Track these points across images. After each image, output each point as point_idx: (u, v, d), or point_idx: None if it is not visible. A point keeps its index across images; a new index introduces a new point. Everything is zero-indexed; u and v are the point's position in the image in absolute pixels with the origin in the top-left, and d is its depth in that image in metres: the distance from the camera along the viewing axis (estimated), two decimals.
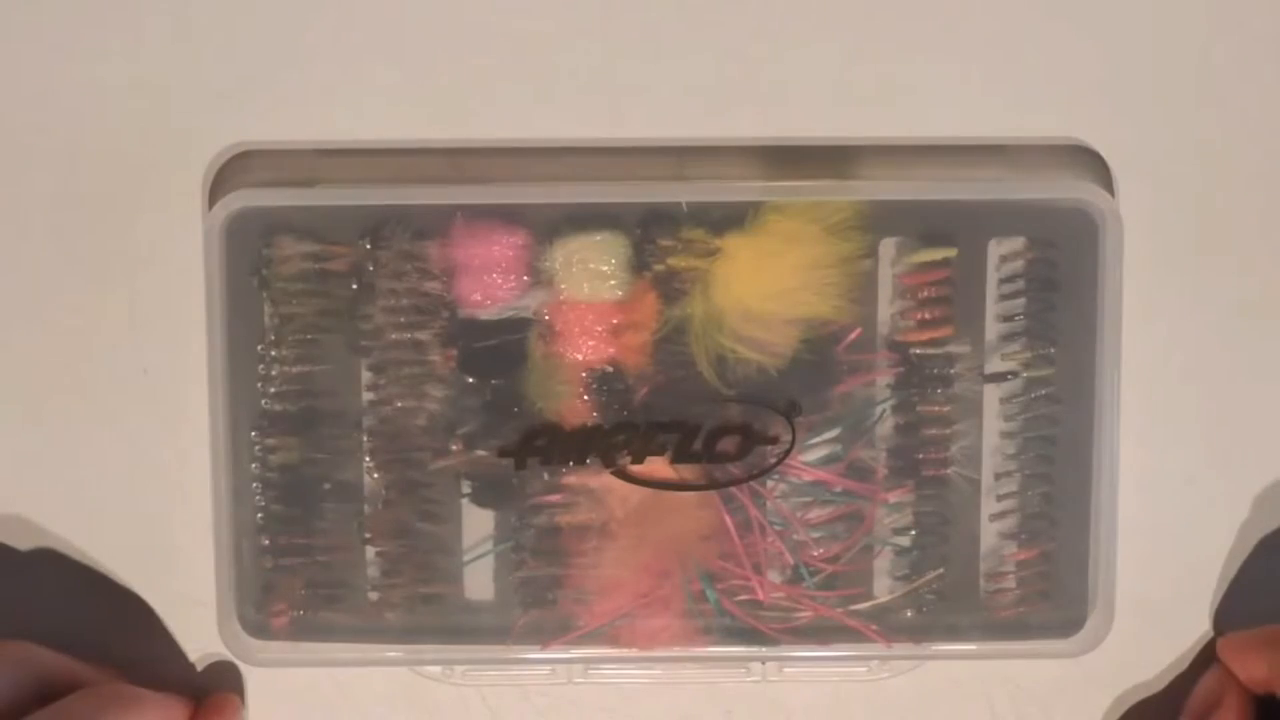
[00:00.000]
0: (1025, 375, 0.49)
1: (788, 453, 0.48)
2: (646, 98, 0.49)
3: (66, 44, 0.49)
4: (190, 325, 0.48)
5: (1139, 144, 0.49)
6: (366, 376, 0.49)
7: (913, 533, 0.50)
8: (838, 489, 0.49)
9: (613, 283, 0.48)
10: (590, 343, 0.48)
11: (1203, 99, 0.49)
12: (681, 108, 0.49)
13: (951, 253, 0.48)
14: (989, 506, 0.50)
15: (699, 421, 0.48)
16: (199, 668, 0.50)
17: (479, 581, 0.50)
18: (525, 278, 0.48)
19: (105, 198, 0.49)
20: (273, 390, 0.49)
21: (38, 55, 0.49)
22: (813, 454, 0.49)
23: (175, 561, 0.50)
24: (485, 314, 0.48)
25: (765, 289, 0.47)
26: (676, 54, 0.49)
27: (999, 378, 0.49)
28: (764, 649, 0.49)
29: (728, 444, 0.48)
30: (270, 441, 0.49)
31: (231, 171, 0.49)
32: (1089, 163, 0.49)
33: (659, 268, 0.48)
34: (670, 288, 0.48)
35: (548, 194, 0.48)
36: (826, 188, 0.48)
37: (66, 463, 0.50)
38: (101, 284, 0.49)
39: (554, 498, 0.49)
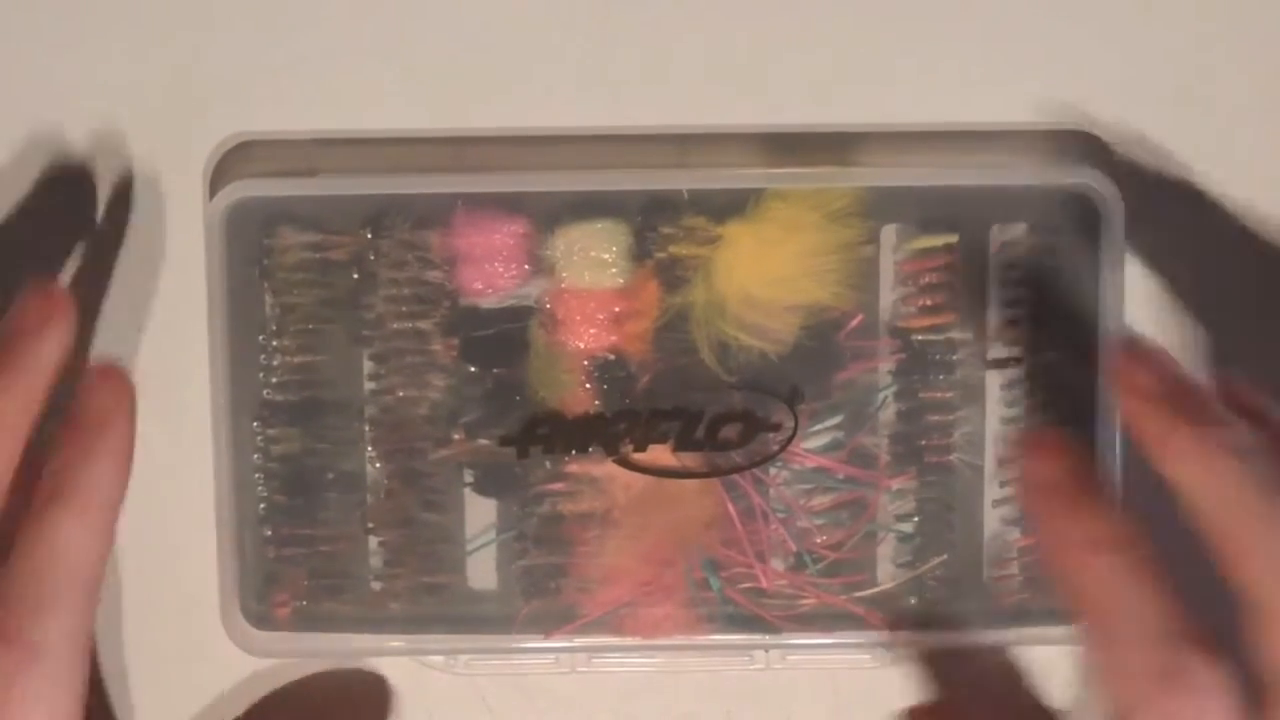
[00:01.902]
0: (1027, 361, 0.49)
1: (790, 440, 0.48)
2: (646, 85, 0.48)
3: (64, 39, 0.49)
4: (191, 317, 0.48)
5: (1141, 128, 0.49)
6: (368, 366, 0.49)
7: (916, 519, 0.49)
8: (840, 476, 0.49)
9: (614, 270, 0.48)
10: (592, 331, 0.48)
11: (1204, 87, 0.49)
12: (681, 95, 0.48)
13: (953, 239, 0.48)
14: (992, 492, 0.49)
15: (701, 409, 0.48)
16: (202, 660, 0.50)
17: (482, 571, 0.50)
18: (526, 266, 0.48)
19: (105, 189, 0.49)
20: (274, 381, 0.49)
21: (36, 50, 0.49)
22: (815, 441, 0.49)
23: (177, 554, 0.50)
24: (487, 303, 0.48)
25: (766, 276, 0.47)
26: (675, 41, 0.48)
27: (1001, 363, 0.49)
28: (767, 637, 0.49)
29: (730, 431, 0.48)
30: (272, 432, 0.49)
31: (232, 162, 0.48)
32: (1091, 147, 0.49)
33: (660, 255, 0.48)
34: (672, 275, 0.48)
35: (549, 182, 0.48)
36: (827, 174, 0.48)
37: None
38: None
39: (556, 486, 0.49)
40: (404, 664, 0.51)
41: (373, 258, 0.48)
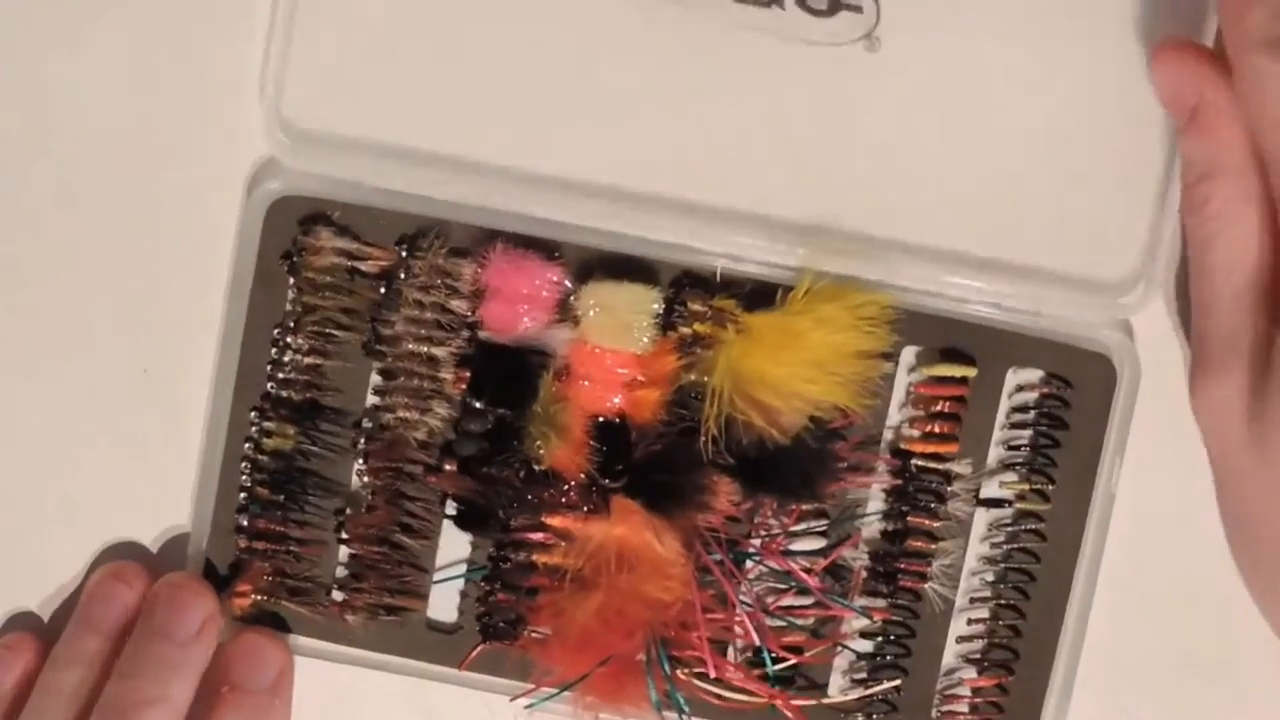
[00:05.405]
0: (1019, 506, 0.49)
1: (786, 514, 0.48)
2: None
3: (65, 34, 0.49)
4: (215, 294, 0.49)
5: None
6: (375, 381, 0.49)
7: (878, 639, 0.50)
8: (814, 581, 0.49)
9: (637, 336, 0.48)
10: (603, 391, 0.48)
11: None
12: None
13: (970, 372, 0.49)
14: (958, 628, 0.50)
15: (699, 478, 0.48)
16: None
17: (444, 603, 0.50)
18: (552, 314, 0.48)
19: (152, 160, 0.49)
20: (280, 376, 0.49)
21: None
22: (796, 544, 0.49)
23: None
24: (505, 342, 0.48)
25: (783, 369, 0.47)
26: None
27: (993, 504, 0.49)
28: None
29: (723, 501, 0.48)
30: (268, 425, 0.49)
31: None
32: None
33: (685, 330, 0.48)
34: (691, 351, 0.48)
35: (587, 233, 0.48)
36: (862, 283, 0.48)
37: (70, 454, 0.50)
38: (135, 240, 0.50)
39: (535, 536, 0.49)
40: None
41: (403, 276, 0.48)
